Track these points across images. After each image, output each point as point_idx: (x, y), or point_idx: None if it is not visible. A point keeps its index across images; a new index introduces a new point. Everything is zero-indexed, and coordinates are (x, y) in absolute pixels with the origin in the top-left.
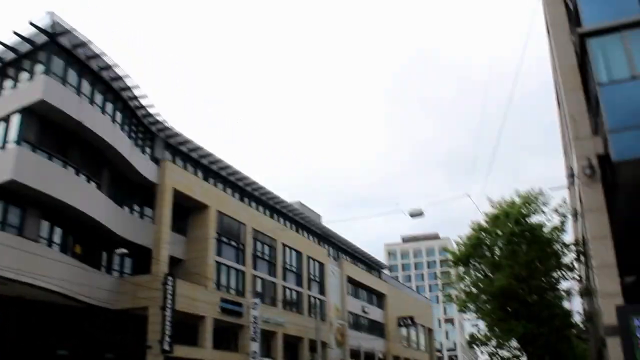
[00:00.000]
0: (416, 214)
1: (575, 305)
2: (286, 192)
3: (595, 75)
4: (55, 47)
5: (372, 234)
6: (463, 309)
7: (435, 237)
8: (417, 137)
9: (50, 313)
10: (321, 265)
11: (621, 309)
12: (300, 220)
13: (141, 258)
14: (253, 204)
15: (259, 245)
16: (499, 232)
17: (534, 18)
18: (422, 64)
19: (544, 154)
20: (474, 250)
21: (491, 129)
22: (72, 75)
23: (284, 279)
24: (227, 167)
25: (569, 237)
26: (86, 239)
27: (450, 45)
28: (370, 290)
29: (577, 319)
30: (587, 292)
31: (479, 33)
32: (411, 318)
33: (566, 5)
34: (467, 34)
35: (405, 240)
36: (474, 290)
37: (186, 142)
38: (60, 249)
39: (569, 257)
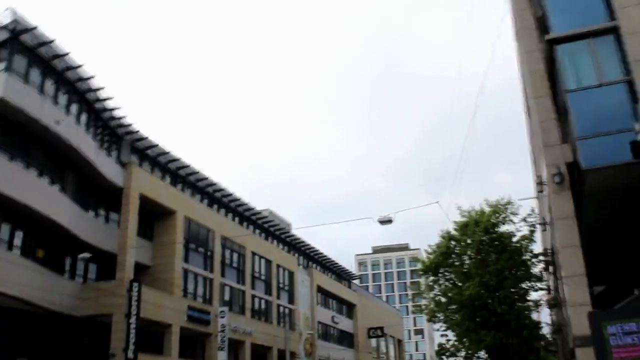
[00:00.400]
0: (385, 221)
1: (544, 317)
2: (257, 199)
3: (564, 82)
4: (18, 45)
5: (343, 244)
6: (432, 318)
7: (406, 247)
8: (391, 148)
9: (9, 319)
10: (291, 273)
11: (594, 315)
12: (270, 228)
13: (106, 264)
14: (222, 211)
15: (227, 252)
16: (469, 241)
17: (501, 27)
18: (392, 73)
19: (511, 165)
20: (443, 258)
21: (461, 140)
22: (35, 75)
23: (253, 287)
24: (196, 172)
25: (537, 247)
26: (49, 243)
27: (419, 54)
28: (340, 300)
29: (546, 330)
30: (555, 303)
31: (446, 40)
32: (381, 329)
33: (534, 14)
34: (435, 41)
35: (376, 250)
36: (443, 299)
37: (153, 146)
38: (21, 252)
39: (538, 268)
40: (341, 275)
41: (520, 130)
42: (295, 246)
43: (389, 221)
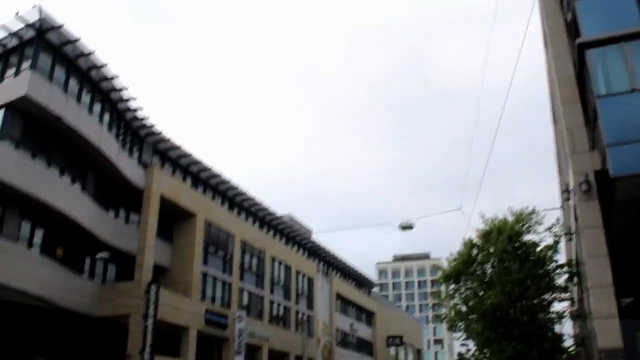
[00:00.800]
0: (406, 227)
1: (566, 329)
2: (278, 206)
3: (594, 88)
4: (43, 43)
5: (363, 252)
6: (452, 327)
7: (427, 257)
8: (413, 162)
9: (27, 317)
10: (310, 280)
11: (627, 325)
12: (291, 234)
13: (125, 264)
14: (242, 215)
15: (247, 256)
16: (491, 249)
17: (526, 35)
18: (417, 86)
19: (533, 177)
20: (465, 266)
21: (484, 151)
22: (59, 73)
23: (272, 292)
24: (217, 175)
25: (562, 258)
26: (69, 242)
27: (445, 66)
28: (359, 308)
29: (569, 342)
30: (579, 315)
31: (471, 51)
32: (400, 337)
33: (564, 18)
34: (460, 53)
35: (397, 259)
36: (464, 308)
37: (175, 147)
38: (41, 250)
39: (562, 279)
40: (361, 282)
41: (544, 143)
42: (315, 252)
43: (410, 227)
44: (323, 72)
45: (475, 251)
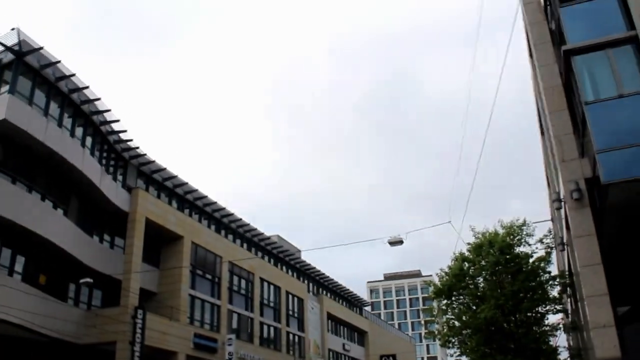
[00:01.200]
0: (395, 242)
1: (561, 341)
2: (266, 227)
3: (582, 94)
4: (22, 66)
5: (353, 271)
6: (446, 343)
7: (418, 274)
8: (402, 176)
9: (10, 347)
10: (300, 300)
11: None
12: (279, 254)
13: (111, 290)
14: (230, 236)
15: (235, 278)
16: (483, 263)
17: (516, 49)
18: (396, 93)
19: (523, 192)
20: (456, 281)
21: (473, 165)
22: (39, 96)
23: (262, 314)
24: (203, 197)
25: (554, 270)
26: (52, 269)
27: (432, 82)
28: (351, 327)
29: (564, 355)
30: (573, 327)
31: (458, 65)
32: (393, 356)
33: (549, 26)
34: (445, 69)
35: (388, 277)
36: (457, 323)
37: (160, 170)
38: (23, 278)
39: (555, 290)
40: (352, 302)
41: (532, 158)
42: (305, 272)
43: (400, 242)
44: (308, 90)
45: (466, 265)
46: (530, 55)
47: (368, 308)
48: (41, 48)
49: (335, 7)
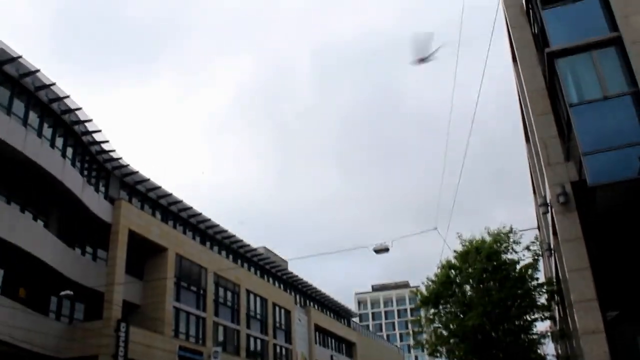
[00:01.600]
0: (381, 250)
1: (549, 349)
2: (252, 238)
3: (566, 97)
4: (0, 75)
5: (341, 283)
6: (434, 353)
7: (406, 285)
8: (388, 187)
9: None
10: (287, 312)
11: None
12: (266, 266)
13: (94, 303)
14: (215, 248)
15: (221, 290)
16: (470, 270)
17: (500, 57)
18: (379, 107)
19: (509, 201)
20: (443, 289)
21: (459, 175)
22: (18, 106)
23: (248, 326)
24: (188, 208)
25: (541, 277)
26: (32, 282)
27: (415, 90)
28: (339, 339)
29: None
30: (562, 335)
31: (441, 75)
32: None
33: (532, 30)
34: (427, 79)
35: (376, 288)
36: (444, 332)
37: (143, 180)
38: (2, 291)
39: (543, 298)
40: (340, 313)
41: (518, 166)
42: (292, 284)
43: (386, 249)
44: (295, 102)
45: (453, 272)
46: (514, 60)
47: (356, 319)
48: (20, 57)
49: (318, 21)
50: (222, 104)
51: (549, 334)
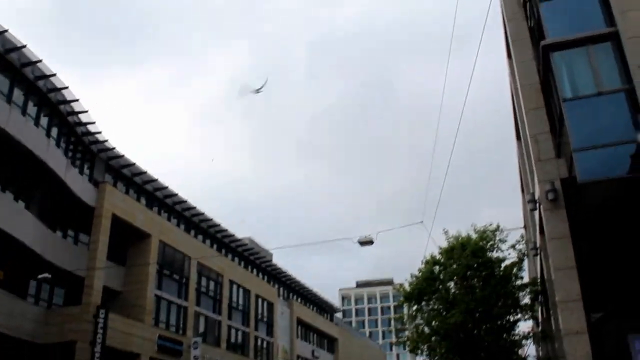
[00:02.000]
0: (365, 242)
1: (530, 352)
2: (238, 229)
3: (560, 91)
4: None
5: (326, 278)
6: (415, 350)
7: (390, 282)
8: (373, 182)
9: None
10: (270, 304)
11: (617, 327)
12: (250, 257)
13: (74, 288)
14: (200, 237)
15: (203, 280)
16: (454, 266)
17: (495, 55)
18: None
19: (497, 200)
20: (427, 285)
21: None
22: (2, 82)
23: (230, 317)
24: (173, 194)
25: (526, 277)
26: (11, 264)
27: (406, 89)
28: (321, 334)
29: None
30: (544, 337)
31: (433, 72)
32: None
33: (528, 23)
34: (419, 75)
35: (360, 284)
36: (426, 329)
37: (129, 165)
38: None
39: (527, 298)
40: (323, 308)
41: (508, 165)
42: (276, 277)
43: (370, 242)
44: (281, 95)
45: (437, 268)
46: (509, 55)
47: (339, 315)
48: (6, 31)
49: (316, 11)
50: (213, 92)
51: (531, 335)
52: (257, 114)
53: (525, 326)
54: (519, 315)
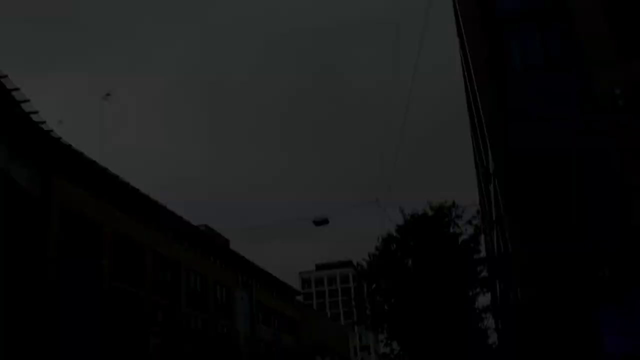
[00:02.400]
0: (321, 221)
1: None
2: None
3: (510, 64)
4: None
5: (286, 264)
6: (376, 327)
7: (349, 263)
8: (329, 166)
9: None
10: (229, 290)
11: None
12: (207, 244)
13: None
14: (154, 226)
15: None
16: (412, 243)
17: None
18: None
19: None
20: (384, 262)
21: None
22: None
23: (188, 305)
24: (125, 184)
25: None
26: None
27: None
28: (282, 317)
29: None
30: (502, 308)
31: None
32: (325, 346)
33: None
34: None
35: (319, 267)
36: (386, 307)
37: (77, 154)
38: None
39: (484, 272)
40: (284, 291)
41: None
42: (234, 263)
43: (325, 221)
44: (232, 85)
45: (394, 246)
46: (459, 35)
47: (300, 298)
48: None
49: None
50: (162, 77)
51: (489, 307)
52: (210, 102)
53: (484, 300)
54: (477, 290)
